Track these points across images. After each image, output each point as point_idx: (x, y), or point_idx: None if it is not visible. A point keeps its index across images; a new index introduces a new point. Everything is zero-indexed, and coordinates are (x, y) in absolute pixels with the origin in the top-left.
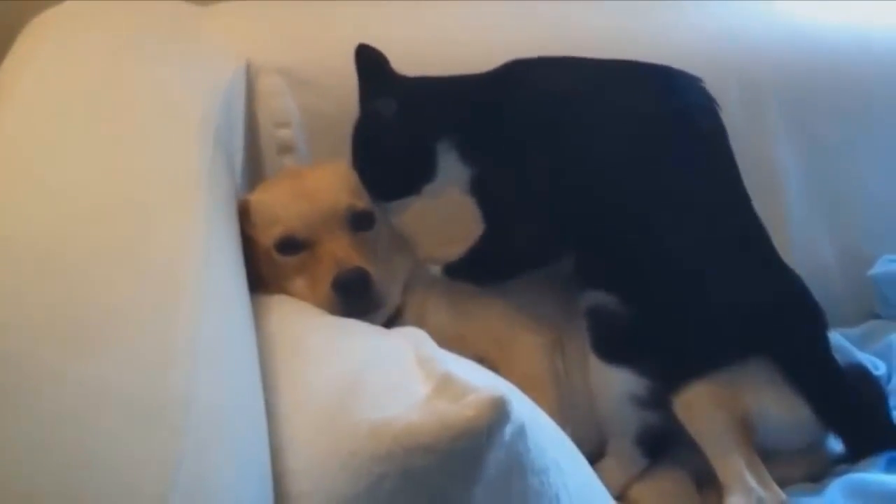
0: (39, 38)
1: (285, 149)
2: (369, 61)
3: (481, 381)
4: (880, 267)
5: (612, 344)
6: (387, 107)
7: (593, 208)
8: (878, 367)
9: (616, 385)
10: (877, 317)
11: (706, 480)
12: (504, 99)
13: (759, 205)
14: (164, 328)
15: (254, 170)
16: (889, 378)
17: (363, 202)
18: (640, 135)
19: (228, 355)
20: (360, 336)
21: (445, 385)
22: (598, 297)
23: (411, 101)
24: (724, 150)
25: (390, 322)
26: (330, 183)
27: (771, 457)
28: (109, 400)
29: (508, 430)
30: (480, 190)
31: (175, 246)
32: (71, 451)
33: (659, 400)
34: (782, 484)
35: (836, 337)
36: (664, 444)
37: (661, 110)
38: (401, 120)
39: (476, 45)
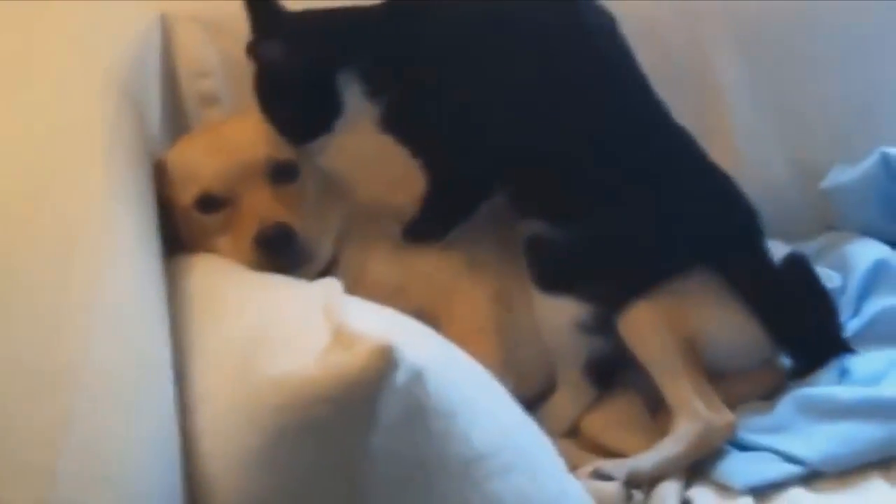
0: None
1: (208, 100)
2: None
3: (378, 329)
4: (832, 179)
5: (552, 273)
6: (272, 49)
7: (512, 134)
8: (834, 280)
9: (560, 314)
10: (833, 229)
11: (660, 406)
12: (406, 30)
13: (704, 121)
14: (58, 289)
15: (177, 124)
16: (844, 290)
17: (284, 153)
18: (549, 57)
19: (129, 316)
20: (272, 290)
21: (340, 335)
22: (534, 227)
23: (299, 38)
24: (630, 64)
25: (325, 275)
26: (248, 135)
27: (723, 376)
28: None
29: (401, 376)
30: (395, 127)
31: (71, 203)
32: None
33: (604, 325)
34: (735, 403)
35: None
36: (614, 372)
37: (568, 31)
38: (291, 59)
39: None
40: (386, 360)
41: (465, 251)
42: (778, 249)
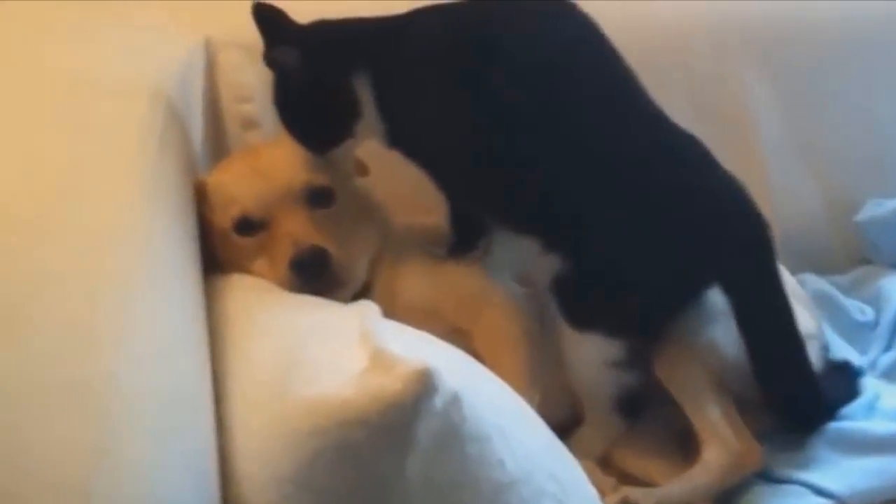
0: None
1: (249, 124)
2: (266, 18)
3: (416, 353)
4: (867, 212)
5: (580, 311)
6: (287, 54)
7: (510, 160)
8: (866, 313)
9: (592, 352)
10: (868, 262)
11: (690, 442)
12: (396, 47)
13: (737, 155)
14: (94, 308)
15: (218, 147)
16: (877, 323)
17: (322, 178)
18: (545, 87)
19: (165, 337)
20: (308, 312)
21: (378, 358)
22: (553, 264)
23: (315, 43)
24: (626, 76)
25: (359, 298)
26: (286, 160)
27: (754, 408)
28: (34, 381)
29: (438, 400)
30: (397, 144)
31: (108, 224)
32: None
33: (635, 359)
34: (764, 434)
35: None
36: (643, 405)
37: (556, 54)
38: (307, 61)
39: None
40: (425, 384)
41: (502, 269)
42: (811, 282)
